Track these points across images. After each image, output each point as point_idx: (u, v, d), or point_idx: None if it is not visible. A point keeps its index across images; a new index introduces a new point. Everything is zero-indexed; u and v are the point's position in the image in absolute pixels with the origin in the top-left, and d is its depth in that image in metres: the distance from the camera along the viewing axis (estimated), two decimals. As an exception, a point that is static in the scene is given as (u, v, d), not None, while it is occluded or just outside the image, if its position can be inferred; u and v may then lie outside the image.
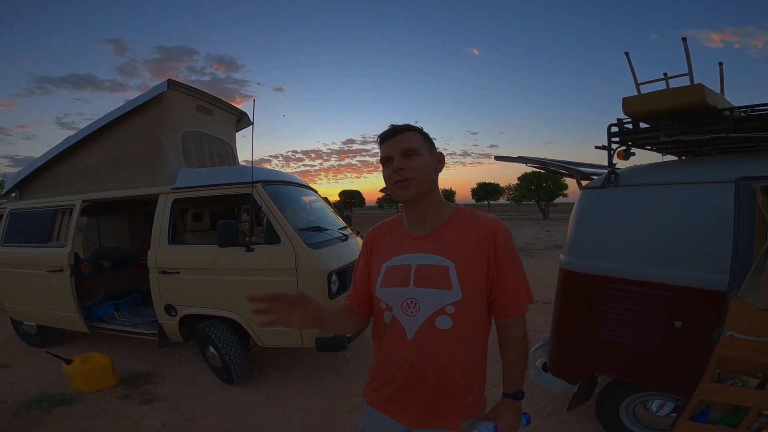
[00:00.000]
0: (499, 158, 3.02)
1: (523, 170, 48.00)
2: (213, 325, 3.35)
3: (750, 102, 2.09)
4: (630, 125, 2.33)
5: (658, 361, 2.06)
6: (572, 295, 2.43)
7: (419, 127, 1.15)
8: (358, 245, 3.87)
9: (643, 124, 2.34)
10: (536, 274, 7.62)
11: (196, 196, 3.56)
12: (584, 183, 2.60)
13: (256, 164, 4.53)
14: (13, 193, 4.94)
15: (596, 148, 2.45)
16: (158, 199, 3.62)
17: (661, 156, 2.79)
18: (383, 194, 66.12)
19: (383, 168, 1.13)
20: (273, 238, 3.19)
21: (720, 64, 2.63)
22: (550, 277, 3.39)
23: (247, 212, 4.34)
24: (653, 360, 2.08)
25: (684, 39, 2.24)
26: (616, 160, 2.35)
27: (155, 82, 4.02)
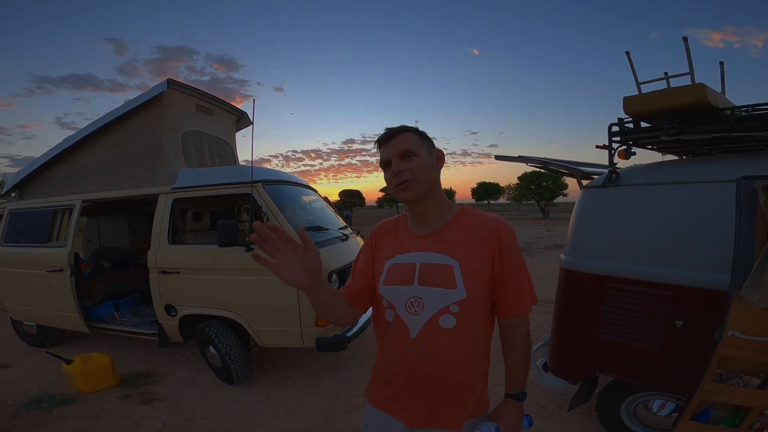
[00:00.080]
0: (499, 158, 3.01)
1: (523, 170, 48.02)
2: (213, 325, 3.34)
3: (750, 101, 2.09)
4: (631, 124, 2.33)
5: (660, 360, 2.06)
6: (573, 295, 2.43)
7: (415, 126, 1.15)
8: (358, 245, 3.87)
9: (644, 124, 2.33)
10: (537, 273, 7.61)
11: (196, 195, 3.55)
12: (585, 182, 2.60)
13: (256, 164, 4.53)
14: (13, 193, 4.94)
15: (597, 147, 2.44)
16: (158, 198, 3.62)
17: (661, 156, 2.78)
18: (383, 194, 66.14)
19: (384, 171, 1.13)
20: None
21: (721, 63, 2.62)
22: (551, 277, 3.39)
23: (247, 212, 4.33)
24: (654, 360, 2.08)
25: (685, 38, 2.23)
26: (616, 160, 2.34)
27: (155, 82, 4.04)
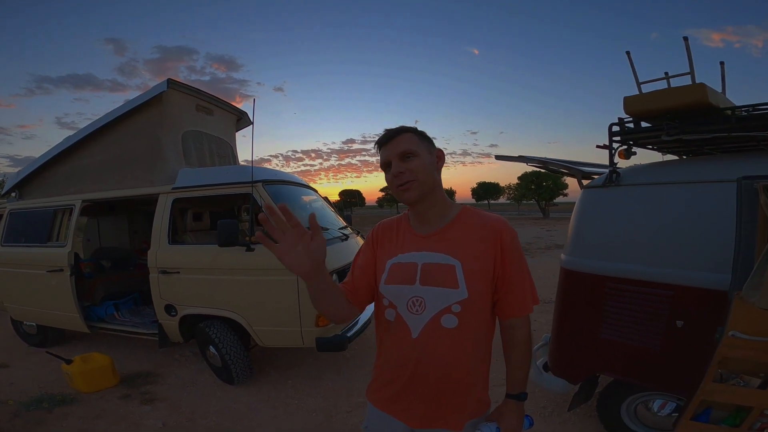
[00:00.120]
0: (499, 157, 3.01)
1: (523, 169, 48.05)
2: (213, 325, 3.34)
3: (750, 101, 2.09)
4: (631, 124, 2.33)
5: (660, 360, 2.06)
6: (573, 295, 2.43)
7: (413, 127, 1.15)
8: (358, 245, 3.87)
9: (644, 124, 2.33)
10: (537, 273, 7.56)
11: (196, 195, 3.55)
12: (585, 182, 2.60)
13: (256, 164, 4.53)
14: (13, 193, 4.93)
15: (597, 147, 2.44)
16: (158, 198, 3.61)
17: (661, 156, 2.78)
18: (383, 194, 66.20)
19: (384, 173, 1.13)
20: (273, 238, 3.18)
21: (721, 63, 2.62)
22: (551, 277, 3.39)
23: (247, 212, 4.33)
24: (655, 360, 2.07)
25: (685, 38, 2.23)
26: (617, 160, 2.34)
27: (155, 82, 4.04)
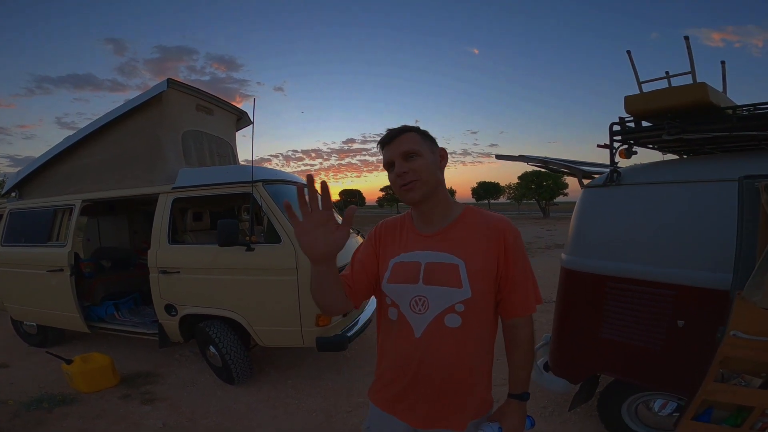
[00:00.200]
0: (499, 157, 3.01)
1: (523, 169, 48.09)
2: (213, 325, 3.34)
3: (750, 101, 2.08)
4: (632, 124, 2.32)
5: (661, 360, 2.05)
6: (574, 295, 2.42)
7: (416, 126, 1.14)
8: (358, 244, 3.86)
9: (645, 123, 2.33)
10: (537, 273, 7.46)
11: (196, 195, 3.55)
12: (586, 182, 2.59)
13: (257, 163, 4.53)
14: (13, 193, 4.94)
15: (598, 146, 2.44)
16: (158, 198, 3.61)
17: (661, 155, 2.78)
18: (384, 193, 66.23)
19: (387, 173, 1.12)
20: (273, 238, 3.18)
21: (722, 62, 2.62)
22: (551, 277, 3.38)
23: (247, 212, 4.33)
24: (656, 359, 2.07)
25: (686, 37, 2.22)
26: (618, 159, 2.34)
27: (155, 82, 4.04)
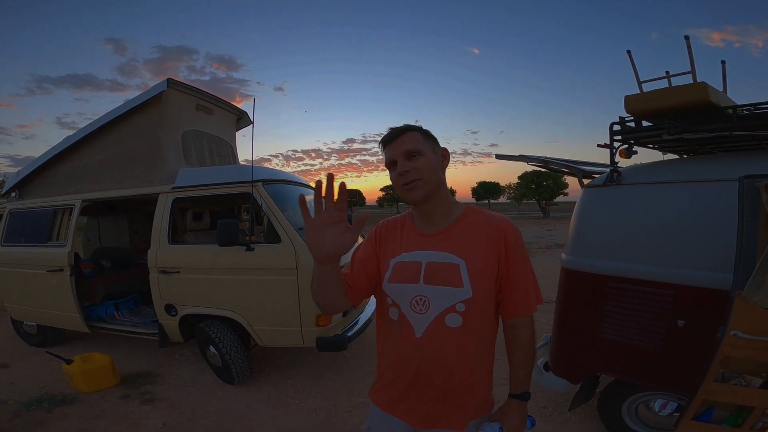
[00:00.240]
0: (499, 157, 3.00)
1: (523, 169, 48.12)
2: (213, 325, 3.34)
3: (751, 100, 2.08)
4: (632, 123, 2.32)
5: (661, 360, 2.05)
6: (574, 294, 2.42)
7: (418, 125, 1.14)
8: (358, 243, 3.86)
9: (645, 123, 2.32)
10: (537, 273, 7.46)
11: (196, 195, 3.55)
12: (586, 181, 2.59)
13: (257, 163, 4.52)
14: (13, 193, 4.94)
15: (598, 146, 2.43)
16: (158, 198, 3.61)
17: (661, 155, 2.77)
18: (384, 193, 66.19)
19: (389, 172, 1.12)
20: (273, 238, 3.18)
21: (722, 62, 2.61)
22: (552, 276, 3.38)
23: (247, 211, 4.32)
24: (656, 359, 2.07)
25: (686, 37, 2.22)
26: (618, 159, 2.34)
27: (155, 82, 4.05)
